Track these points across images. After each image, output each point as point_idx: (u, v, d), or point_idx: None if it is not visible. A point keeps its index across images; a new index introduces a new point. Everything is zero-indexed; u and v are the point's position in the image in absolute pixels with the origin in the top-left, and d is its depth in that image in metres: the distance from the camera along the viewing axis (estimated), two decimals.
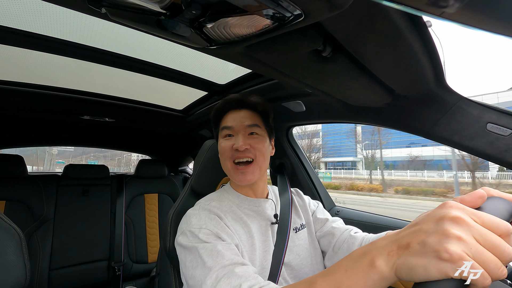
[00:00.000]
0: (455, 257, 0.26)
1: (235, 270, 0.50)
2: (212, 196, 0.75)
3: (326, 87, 0.70)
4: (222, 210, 0.68)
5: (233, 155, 0.69)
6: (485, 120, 0.66)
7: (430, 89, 0.69)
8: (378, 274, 0.31)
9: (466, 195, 0.32)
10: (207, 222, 0.62)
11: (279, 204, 0.80)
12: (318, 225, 0.81)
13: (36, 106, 1.33)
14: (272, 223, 0.73)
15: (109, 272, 1.78)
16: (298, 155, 1.40)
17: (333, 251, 0.74)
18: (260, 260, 0.66)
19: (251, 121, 0.72)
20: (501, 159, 0.64)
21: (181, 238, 0.61)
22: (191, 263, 0.55)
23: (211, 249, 0.55)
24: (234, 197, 0.74)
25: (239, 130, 0.71)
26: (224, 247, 0.56)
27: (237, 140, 0.69)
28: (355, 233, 0.73)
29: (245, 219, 0.69)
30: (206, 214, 0.64)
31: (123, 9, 0.37)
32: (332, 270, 0.38)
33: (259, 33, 0.43)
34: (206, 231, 0.59)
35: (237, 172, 0.69)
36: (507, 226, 0.28)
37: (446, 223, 0.28)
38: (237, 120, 0.72)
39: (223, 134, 0.73)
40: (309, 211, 0.83)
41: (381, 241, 0.34)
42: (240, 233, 0.66)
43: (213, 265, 0.51)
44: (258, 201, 0.74)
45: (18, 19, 0.73)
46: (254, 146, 0.70)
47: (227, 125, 0.72)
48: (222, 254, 0.53)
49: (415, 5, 0.31)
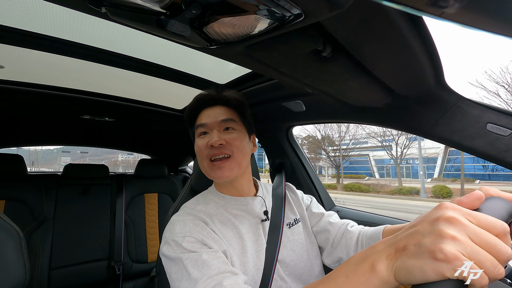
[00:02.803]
0: (450, 257, 0.26)
1: (224, 283, 0.47)
2: (198, 199, 0.72)
3: (326, 87, 0.70)
4: (208, 214, 0.65)
5: (209, 153, 0.65)
6: (485, 120, 0.66)
7: (430, 89, 0.69)
8: (379, 279, 0.31)
9: (463, 197, 0.32)
10: (191, 229, 0.59)
11: (270, 200, 0.78)
12: (314, 220, 0.79)
13: (36, 106, 1.33)
14: (262, 220, 0.71)
15: (109, 272, 1.78)
16: (298, 155, 1.40)
17: (332, 247, 0.74)
18: (254, 261, 0.63)
19: (225, 116, 0.69)
20: (501, 159, 0.64)
21: (165, 248, 0.58)
22: (176, 275, 0.52)
23: (196, 259, 0.52)
24: (220, 199, 0.71)
25: (214, 126, 0.68)
26: (210, 256, 0.53)
27: (211, 136, 0.65)
28: (351, 227, 0.73)
29: (233, 220, 0.66)
30: (191, 220, 0.61)
31: (123, 8, 0.37)
32: (332, 276, 0.37)
33: (259, 33, 0.43)
34: (191, 239, 0.56)
35: (214, 168, 0.65)
36: (503, 226, 0.28)
37: (441, 223, 0.29)
38: (211, 117, 0.68)
39: (198, 132, 0.70)
40: (303, 205, 0.82)
41: (379, 245, 0.34)
42: (229, 236, 0.63)
43: (199, 276, 0.49)
44: (245, 199, 0.71)
45: (18, 19, 0.73)
46: (230, 142, 0.66)
47: (201, 123, 0.69)
48: (208, 264, 0.51)
49: (415, 5, 0.31)
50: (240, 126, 0.71)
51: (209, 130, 0.68)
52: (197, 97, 0.73)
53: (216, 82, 1.20)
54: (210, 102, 0.72)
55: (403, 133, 14.58)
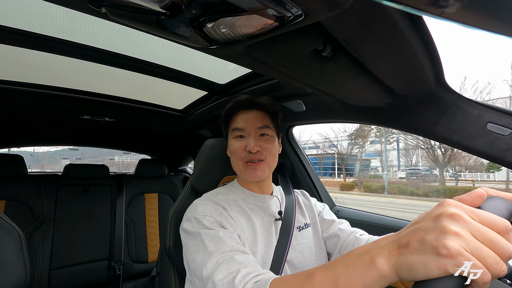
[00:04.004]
0: (454, 253, 0.26)
1: (235, 257, 0.51)
2: (219, 190, 0.77)
3: (326, 87, 0.70)
4: (228, 203, 0.70)
5: (246, 156, 0.72)
6: (485, 120, 0.66)
7: (430, 89, 0.69)
8: (377, 272, 0.32)
9: (465, 195, 0.32)
10: (211, 211, 0.64)
11: (284, 202, 0.81)
12: (324, 226, 0.81)
13: (36, 106, 1.33)
14: (276, 219, 0.74)
15: (109, 272, 1.78)
16: (298, 155, 1.40)
17: (339, 253, 0.75)
18: (262, 254, 0.67)
19: (261, 123, 0.74)
20: (501, 159, 0.64)
21: (186, 224, 0.63)
22: (193, 248, 0.57)
23: (214, 235, 0.57)
24: (240, 192, 0.76)
25: (251, 132, 0.73)
26: (226, 234, 0.58)
27: (249, 142, 0.71)
28: (360, 235, 0.74)
29: (249, 213, 0.71)
30: (212, 204, 0.67)
31: (123, 8, 0.37)
32: (332, 264, 0.38)
33: (259, 33, 0.43)
34: (210, 219, 0.62)
35: (248, 168, 0.71)
36: (505, 223, 0.28)
37: (444, 220, 0.29)
38: (249, 122, 0.74)
39: (234, 134, 0.75)
40: (315, 212, 0.84)
41: (382, 240, 0.34)
42: (243, 225, 0.68)
43: (214, 250, 0.54)
44: (263, 197, 0.76)
45: (18, 19, 0.73)
46: (264, 147, 0.72)
47: (238, 127, 0.74)
48: (224, 241, 0.55)
49: (415, 5, 0.31)
50: (272, 131, 0.76)
51: (246, 135, 0.74)
52: (235, 100, 0.78)
53: (216, 82, 1.20)
54: (247, 105, 0.76)
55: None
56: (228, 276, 0.48)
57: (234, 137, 0.75)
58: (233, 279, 0.47)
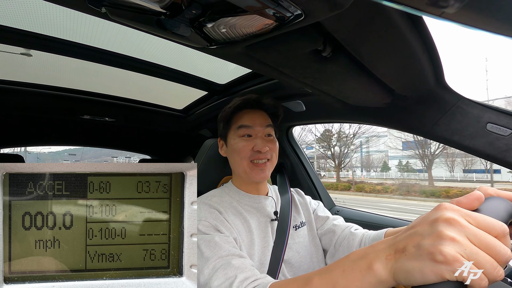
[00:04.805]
0: (450, 259, 0.26)
1: (232, 262, 0.51)
2: (214, 192, 0.77)
3: (326, 87, 0.70)
4: (223, 206, 0.70)
5: (252, 156, 0.72)
6: (485, 120, 0.66)
7: (430, 89, 0.69)
8: (375, 277, 0.32)
9: (462, 197, 0.32)
10: (206, 215, 0.64)
11: (279, 202, 0.81)
12: (319, 223, 0.82)
13: (36, 106, 1.33)
14: (272, 220, 0.74)
15: None
16: (298, 155, 1.40)
17: (334, 248, 0.75)
18: (259, 255, 0.66)
19: (267, 123, 0.75)
20: (501, 159, 0.64)
21: None
22: None
23: (209, 240, 0.57)
24: (235, 194, 0.76)
25: (258, 131, 0.73)
26: (222, 239, 0.58)
27: (258, 142, 0.72)
28: (355, 230, 0.74)
29: (244, 214, 0.71)
30: (206, 208, 0.67)
31: (123, 8, 0.37)
32: (329, 268, 0.38)
33: (259, 33, 0.43)
34: (206, 223, 0.61)
35: (256, 170, 0.71)
36: (502, 227, 0.28)
37: (440, 225, 0.28)
38: (257, 122, 0.74)
39: (240, 133, 0.74)
40: (310, 210, 0.84)
41: (379, 244, 0.34)
42: (239, 227, 0.67)
43: (211, 255, 0.53)
44: (258, 198, 0.76)
45: (18, 19, 0.73)
46: (271, 147, 0.73)
47: (246, 124, 0.73)
48: (220, 246, 0.55)
49: (415, 5, 0.31)
50: (275, 132, 0.79)
51: (253, 134, 0.74)
52: (244, 98, 0.78)
53: (216, 82, 1.20)
54: (254, 105, 0.77)
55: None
56: (226, 282, 0.48)
57: (240, 136, 0.73)
58: (231, 284, 0.47)
